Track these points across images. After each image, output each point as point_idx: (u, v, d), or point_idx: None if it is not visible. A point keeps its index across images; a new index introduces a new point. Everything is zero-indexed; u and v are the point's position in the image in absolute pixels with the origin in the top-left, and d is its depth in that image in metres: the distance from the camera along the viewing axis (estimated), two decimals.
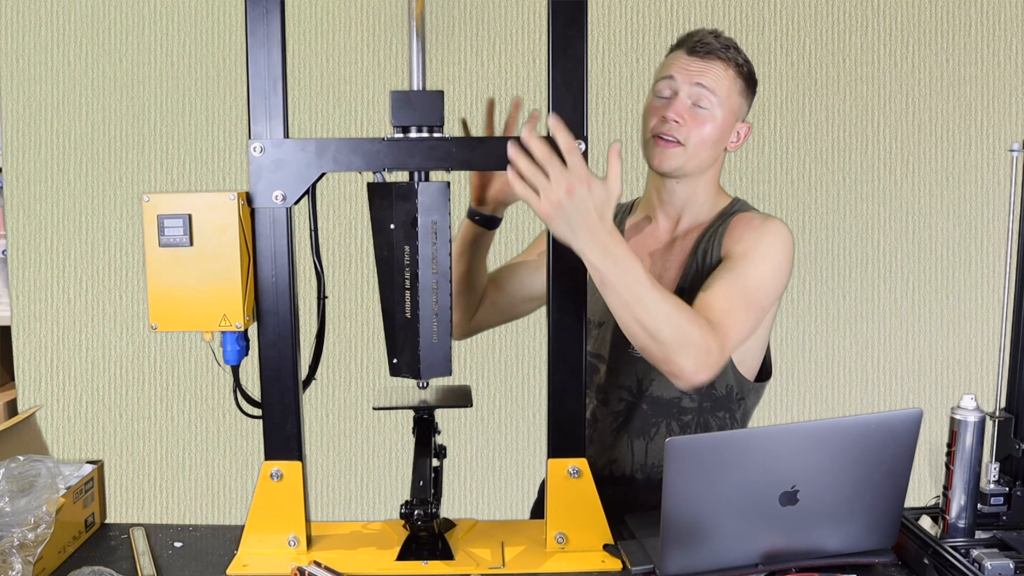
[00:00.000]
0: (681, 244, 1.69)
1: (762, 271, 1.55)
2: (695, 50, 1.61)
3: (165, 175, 2.68)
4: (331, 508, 2.78)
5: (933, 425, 1.41)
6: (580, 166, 1.30)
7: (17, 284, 2.70)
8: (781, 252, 1.57)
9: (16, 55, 2.63)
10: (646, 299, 1.35)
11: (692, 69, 1.60)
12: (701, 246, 1.65)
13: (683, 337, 1.37)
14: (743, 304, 1.50)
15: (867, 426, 1.29)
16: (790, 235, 1.60)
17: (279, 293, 1.39)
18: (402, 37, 2.60)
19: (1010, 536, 1.38)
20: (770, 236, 1.58)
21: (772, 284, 1.56)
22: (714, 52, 1.60)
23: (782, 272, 1.57)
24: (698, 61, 1.61)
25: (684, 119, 1.59)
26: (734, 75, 1.61)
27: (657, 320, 1.36)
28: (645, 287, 1.35)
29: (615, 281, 1.34)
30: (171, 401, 2.76)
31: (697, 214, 1.68)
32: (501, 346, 2.73)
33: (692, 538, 1.28)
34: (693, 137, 1.59)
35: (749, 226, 1.61)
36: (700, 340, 1.38)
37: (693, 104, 1.60)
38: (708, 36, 1.62)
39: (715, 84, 1.60)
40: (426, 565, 1.40)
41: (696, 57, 1.61)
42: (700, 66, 1.60)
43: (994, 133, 2.68)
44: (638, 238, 1.73)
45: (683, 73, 1.60)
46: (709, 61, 1.60)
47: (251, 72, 1.36)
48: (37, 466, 1.37)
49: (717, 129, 1.60)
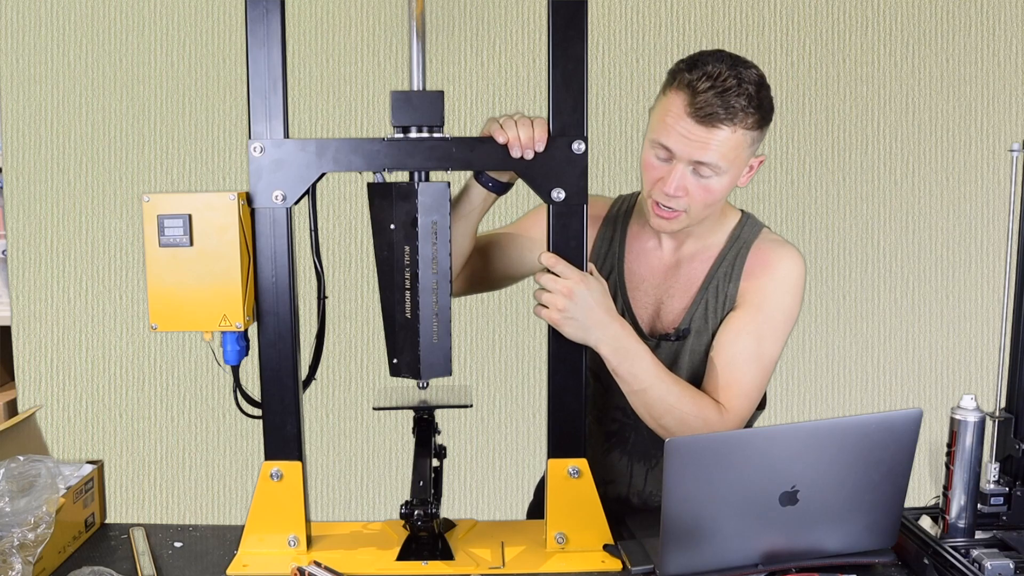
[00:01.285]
0: (688, 270, 1.62)
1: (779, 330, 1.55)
2: (698, 116, 1.40)
3: (165, 175, 2.68)
4: (331, 508, 2.78)
5: (933, 425, 1.41)
6: (570, 271, 1.40)
7: (17, 284, 2.70)
8: (796, 297, 1.56)
9: (16, 55, 2.63)
10: (653, 390, 1.46)
11: (693, 139, 1.42)
12: (713, 283, 1.59)
13: (684, 428, 1.46)
14: (760, 372, 1.54)
15: (867, 426, 1.29)
16: (804, 268, 1.57)
17: (279, 293, 1.39)
18: (402, 37, 2.60)
19: (1010, 536, 1.38)
20: (787, 284, 1.55)
21: (785, 335, 1.57)
22: (719, 120, 1.40)
23: (795, 317, 1.58)
24: (701, 130, 1.41)
25: (685, 191, 1.46)
26: (742, 133, 1.43)
27: (661, 410, 1.47)
28: (652, 378, 1.46)
29: (625, 373, 1.46)
30: (171, 401, 2.76)
31: (703, 236, 1.61)
32: (501, 346, 2.73)
33: (692, 538, 1.28)
34: (695, 205, 1.48)
35: (766, 271, 1.56)
36: (703, 428, 1.46)
37: (695, 171, 1.45)
38: (711, 97, 1.40)
39: (719, 154, 1.43)
40: (426, 565, 1.40)
41: (699, 124, 1.41)
42: (702, 136, 1.41)
43: (994, 133, 2.68)
44: (641, 255, 1.66)
45: (682, 144, 1.43)
46: (714, 130, 1.41)
47: (251, 72, 1.36)
48: (37, 466, 1.37)
49: (724, 188, 1.48)
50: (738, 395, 1.51)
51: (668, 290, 1.62)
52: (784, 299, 1.56)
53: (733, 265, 1.58)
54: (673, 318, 1.61)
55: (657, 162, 1.48)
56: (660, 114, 1.47)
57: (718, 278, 1.59)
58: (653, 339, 1.61)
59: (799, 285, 1.56)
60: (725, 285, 1.58)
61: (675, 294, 1.62)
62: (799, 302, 1.57)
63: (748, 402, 1.53)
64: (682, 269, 1.62)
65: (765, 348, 1.54)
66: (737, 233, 1.61)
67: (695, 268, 1.61)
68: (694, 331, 1.58)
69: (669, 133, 1.44)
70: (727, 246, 1.60)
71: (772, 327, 1.55)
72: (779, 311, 1.55)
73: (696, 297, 1.59)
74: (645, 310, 1.63)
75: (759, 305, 1.55)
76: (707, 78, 1.41)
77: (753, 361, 1.53)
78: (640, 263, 1.65)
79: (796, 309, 1.57)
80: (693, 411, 1.46)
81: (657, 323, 1.63)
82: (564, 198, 1.40)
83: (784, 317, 1.56)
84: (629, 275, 1.65)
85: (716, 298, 1.58)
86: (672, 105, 1.44)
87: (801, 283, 1.57)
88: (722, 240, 1.61)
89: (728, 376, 1.52)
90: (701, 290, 1.59)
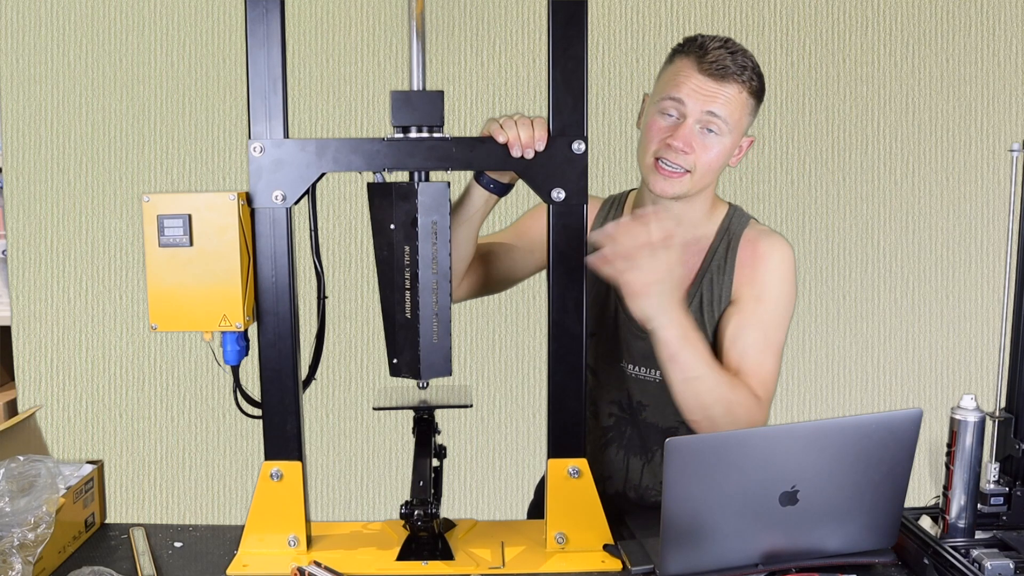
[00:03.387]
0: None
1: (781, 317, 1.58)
2: (710, 70, 1.49)
3: (165, 175, 2.68)
4: (331, 508, 2.78)
5: (933, 425, 1.41)
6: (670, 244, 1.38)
7: (17, 284, 2.70)
8: (791, 284, 1.60)
9: (16, 55, 2.63)
10: (707, 379, 1.45)
11: (705, 92, 1.49)
12: (707, 277, 1.60)
13: (732, 419, 1.47)
14: (772, 359, 1.56)
15: (867, 426, 1.29)
16: (792, 253, 1.61)
17: (279, 293, 1.39)
18: (402, 37, 2.60)
19: (1010, 536, 1.38)
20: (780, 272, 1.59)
21: (787, 321, 1.60)
22: (730, 75, 1.49)
23: (793, 302, 1.61)
24: (712, 83, 1.49)
25: (692, 147, 1.51)
26: (747, 96, 1.52)
27: (712, 399, 1.46)
28: (708, 367, 1.45)
29: (685, 360, 1.43)
30: (171, 401, 2.76)
31: (693, 227, 1.62)
32: (501, 346, 2.73)
33: (692, 538, 1.28)
34: (700, 165, 1.52)
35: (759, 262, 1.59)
36: (746, 421, 1.47)
37: (702, 129, 1.51)
38: (723, 53, 1.49)
39: (728, 110, 1.50)
40: (426, 565, 1.40)
41: (710, 78, 1.49)
42: (713, 89, 1.49)
43: (994, 133, 2.68)
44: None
45: (694, 97, 1.50)
46: (724, 84, 1.49)
47: (251, 72, 1.36)
48: (37, 466, 1.37)
49: (724, 153, 1.54)
50: (760, 383, 1.53)
51: None
52: (781, 287, 1.59)
53: (725, 258, 1.61)
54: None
55: (664, 122, 1.53)
56: (670, 76, 1.54)
57: (712, 271, 1.61)
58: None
59: (791, 271, 1.60)
60: (720, 278, 1.60)
61: None
62: (794, 287, 1.61)
63: (771, 388, 1.55)
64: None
65: (771, 336, 1.57)
66: (726, 225, 1.63)
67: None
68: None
69: (680, 87, 1.51)
70: (717, 239, 1.62)
71: (774, 316, 1.57)
72: (779, 299, 1.58)
73: (691, 291, 1.61)
74: None
75: (757, 297, 1.58)
76: (716, 41, 1.51)
77: (764, 350, 1.55)
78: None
79: (793, 295, 1.61)
80: (737, 399, 1.47)
81: None
82: (564, 198, 1.40)
83: (784, 304, 1.59)
84: None
85: (711, 291, 1.60)
86: (683, 67, 1.52)
87: (793, 269, 1.61)
88: (712, 232, 1.63)
89: (746, 367, 1.54)
90: (695, 284, 1.61)
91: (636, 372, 1.64)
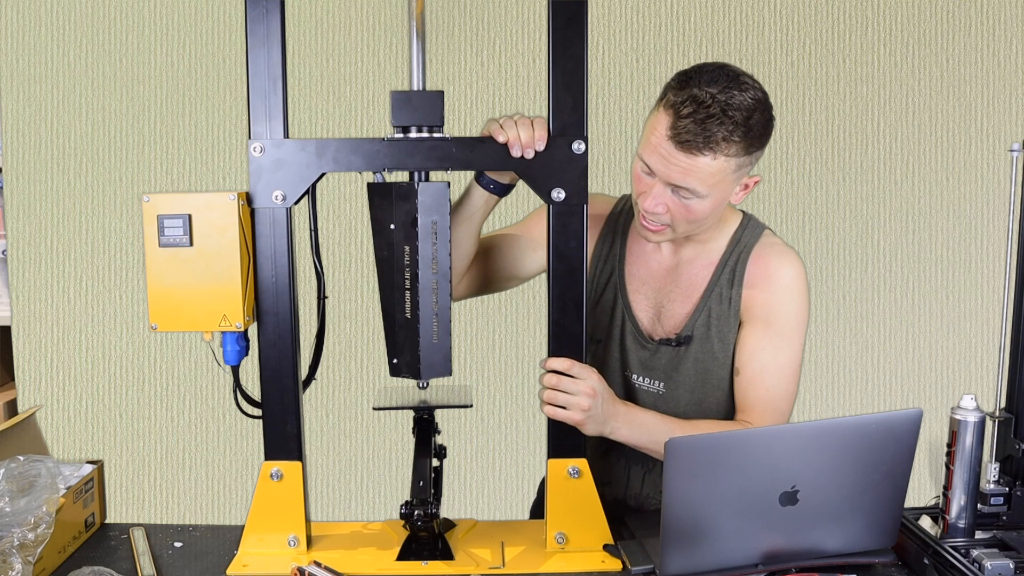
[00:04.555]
0: (688, 274, 1.61)
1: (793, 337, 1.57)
2: (678, 139, 1.38)
3: (165, 175, 2.68)
4: (331, 508, 2.78)
5: (933, 425, 1.41)
6: (587, 371, 1.43)
7: (17, 284, 2.70)
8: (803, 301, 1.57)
9: (16, 55, 2.63)
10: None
11: (673, 163, 1.40)
12: (716, 290, 1.58)
13: None
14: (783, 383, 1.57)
15: (867, 426, 1.29)
16: (803, 269, 1.58)
17: (279, 293, 1.39)
18: (402, 37, 2.59)
19: (1010, 536, 1.38)
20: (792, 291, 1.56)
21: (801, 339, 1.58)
22: (698, 148, 1.38)
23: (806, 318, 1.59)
24: (681, 155, 1.39)
25: (666, 208, 1.46)
26: (725, 160, 1.40)
27: None
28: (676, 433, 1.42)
29: (647, 443, 1.49)
30: (171, 401, 2.76)
31: (704, 240, 1.60)
32: (501, 346, 2.73)
33: (692, 538, 1.28)
34: (679, 220, 1.48)
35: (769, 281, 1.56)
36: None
37: (675, 192, 1.44)
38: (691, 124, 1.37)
39: (699, 181, 1.41)
40: (426, 565, 1.40)
41: (678, 149, 1.39)
42: (682, 162, 1.39)
43: (994, 133, 2.68)
44: (641, 257, 1.65)
45: (662, 168, 1.42)
46: (695, 155, 1.39)
47: (251, 72, 1.36)
48: (37, 466, 1.37)
49: (707, 210, 1.47)
50: (768, 410, 1.54)
51: (668, 294, 1.62)
52: (792, 306, 1.57)
53: (735, 271, 1.58)
54: (675, 323, 1.61)
55: (643, 175, 1.48)
56: (648, 131, 1.46)
57: (721, 284, 1.58)
58: (653, 343, 1.60)
59: (804, 289, 1.58)
60: (728, 291, 1.58)
61: (676, 298, 1.61)
62: (807, 303, 1.58)
63: (781, 414, 1.56)
64: (682, 273, 1.61)
65: (783, 358, 1.56)
66: (738, 237, 1.60)
67: (696, 273, 1.60)
68: (696, 338, 1.58)
69: (651, 153, 1.44)
70: (728, 251, 1.59)
71: (786, 336, 1.56)
72: (790, 318, 1.56)
73: (699, 304, 1.59)
74: (645, 313, 1.63)
75: (767, 319, 1.56)
76: (692, 102, 1.38)
77: (773, 374, 1.55)
78: (640, 265, 1.65)
79: (805, 311, 1.58)
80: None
81: (657, 327, 1.62)
82: (564, 198, 1.40)
83: (796, 323, 1.57)
84: (629, 278, 1.64)
85: (720, 304, 1.58)
86: (658, 124, 1.43)
87: (805, 286, 1.58)
88: (723, 245, 1.60)
89: (755, 393, 1.55)
90: (704, 297, 1.59)
91: (640, 382, 1.63)
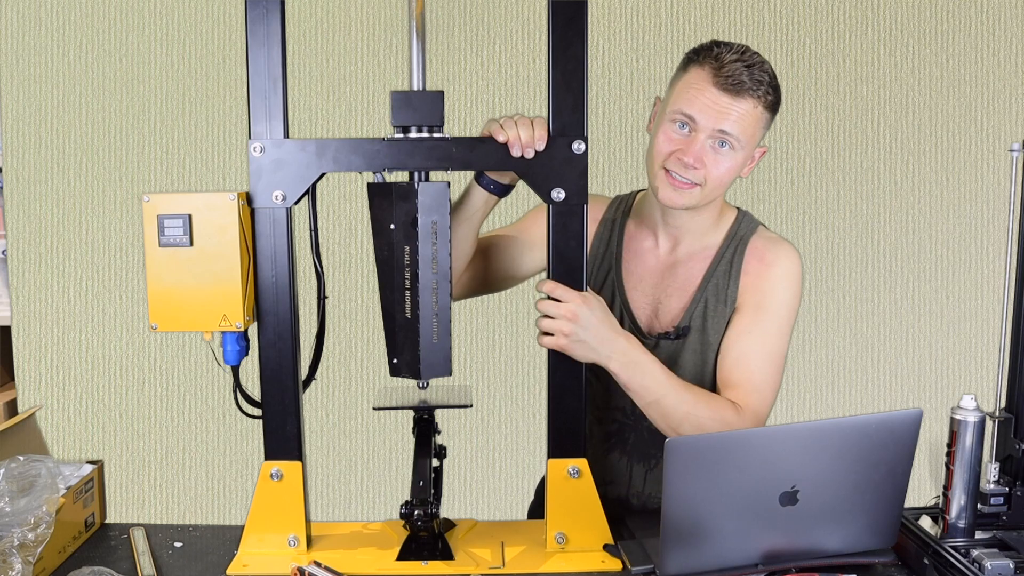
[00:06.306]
0: (685, 269, 1.62)
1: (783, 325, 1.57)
2: (724, 84, 1.45)
3: (165, 175, 2.68)
4: (331, 508, 2.78)
5: (933, 425, 1.41)
6: (571, 294, 1.40)
7: (17, 284, 2.70)
8: (795, 292, 1.58)
9: (16, 55, 2.63)
10: (667, 399, 1.45)
11: (718, 108, 1.45)
12: (712, 282, 1.59)
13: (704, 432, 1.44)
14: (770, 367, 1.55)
15: (867, 426, 1.29)
16: (799, 261, 1.59)
17: (279, 293, 1.39)
18: (402, 37, 2.60)
19: (1010, 536, 1.38)
20: (786, 280, 1.57)
21: (789, 329, 1.58)
22: (745, 90, 1.45)
23: (796, 310, 1.59)
24: (726, 98, 1.45)
25: (703, 163, 1.48)
26: (761, 111, 1.48)
27: (677, 418, 1.45)
28: (665, 389, 1.44)
29: (637, 386, 1.45)
30: (171, 401, 2.76)
31: (701, 235, 1.62)
32: (501, 346, 2.73)
33: (692, 538, 1.28)
34: (711, 180, 1.49)
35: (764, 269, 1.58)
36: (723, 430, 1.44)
37: (713, 144, 1.48)
38: (739, 67, 1.45)
39: (741, 127, 1.46)
40: (426, 565, 1.40)
41: (724, 92, 1.45)
42: (727, 105, 1.45)
43: (994, 133, 2.68)
44: (638, 254, 1.66)
45: (707, 113, 1.46)
46: (738, 99, 1.45)
47: (251, 72, 1.36)
48: (37, 466, 1.37)
49: (735, 168, 1.50)
50: (751, 391, 1.52)
51: (666, 290, 1.63)
52: (784, 295, 1.58)
53: (731, 263, 1.59)
54: (672, 317, 1.61)
55: (676, 135, 1.49)
56: (683, 87, 1.50)
57: (717, 276, 1.59)
58: (652, 338, 1.61)
59: (797, 280, 1.59)
60: (725, 283, 1.59)
61: (673, 293, 1.62)
62: (799, 296, 1.59)
63: (763, 397, 1.54)
64: (679, 269, 1.63)
65: (771, 344, 1.56)
66: (734, 231, 1.62)
67: (693, 268, 1.62)
68: (694, 329, 1.59)
69: (693, 102, 1.47)
70: (725, 244, 1.61)
71: (776, 323, 1.57)
72: (781, 307, 1.57)
73: (695, 296, 1.60)
74: (643, 310, 1.63)
75: (759, 304, 1.57)
76: (733, 52, 1.47)
77: (761, 357, 1.55)
78: (637, 263, 1.65)
79: (796, 303, 1.59)
80: (709, 414, 1.46)
81: (655, 322, 1.63)
82: (564, 198, 1.40)
83: (786, 312, 1.58)
84: (627, 275, 1.65)
85: (716, 296, 1.59)
86: (696, 78, 1.48)
87: (799, 277, 1.59)
88: (719, 240, 1.62)
89: (739, 374, 1.53)
90: (700, 289, 1.60)
91: None
